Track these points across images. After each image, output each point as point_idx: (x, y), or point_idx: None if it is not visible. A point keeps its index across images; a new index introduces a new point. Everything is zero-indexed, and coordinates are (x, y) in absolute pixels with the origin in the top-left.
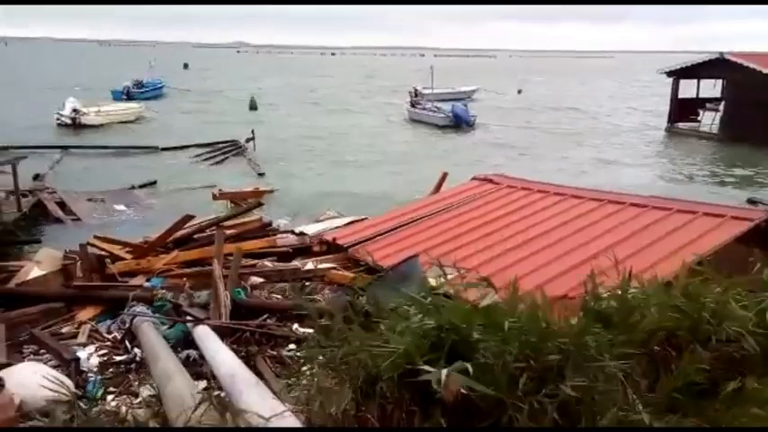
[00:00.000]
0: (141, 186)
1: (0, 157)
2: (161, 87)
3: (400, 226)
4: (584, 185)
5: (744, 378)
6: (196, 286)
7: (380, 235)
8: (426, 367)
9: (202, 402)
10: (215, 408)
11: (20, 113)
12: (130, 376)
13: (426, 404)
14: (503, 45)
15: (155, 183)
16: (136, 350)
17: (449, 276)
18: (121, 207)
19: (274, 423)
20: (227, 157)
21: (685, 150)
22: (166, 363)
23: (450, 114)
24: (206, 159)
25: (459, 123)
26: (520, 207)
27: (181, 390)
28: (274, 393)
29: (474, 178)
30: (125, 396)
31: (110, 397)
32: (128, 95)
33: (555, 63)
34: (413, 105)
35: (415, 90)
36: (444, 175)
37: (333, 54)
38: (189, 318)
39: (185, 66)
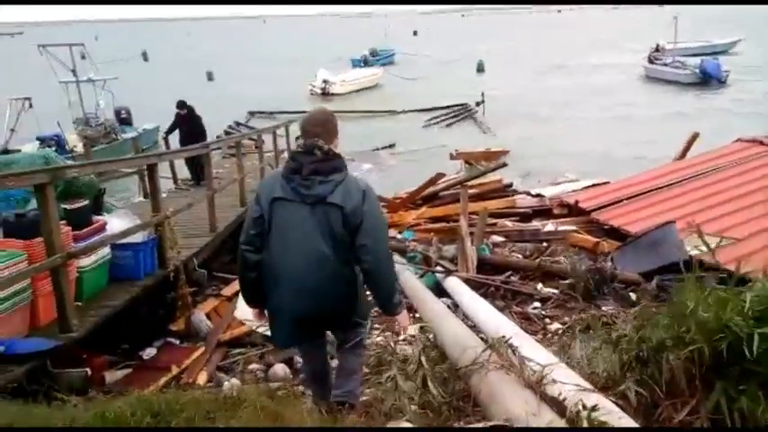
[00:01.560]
0: (383, 148)
1: (274, 122)
2: (393, 55)
3: (649, 191)
4: None
5: None
6: (442, 240)
7: (627, 199)
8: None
9: (492, 346)
10: (497, 352)
11: (277, 85)
12: None
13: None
14: None
15: (394, 145)
16: None
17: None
18: (368, 166)
19: (553, 372)
20: (457, 120)
21: None
22: (436, 305)
23: (697, 70)
24: (438, 122)
25: (708, 80)
26: None
27: (458, 331)
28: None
29: (739, 140)
30: (388, 333)
31: (375, 332)
32: (365, 63)
33: None
34: (651, 61)
35: (657, 45)
36: (694, 136)
37: (559, 11)
38: (440, 269)
39: (414, 33)
